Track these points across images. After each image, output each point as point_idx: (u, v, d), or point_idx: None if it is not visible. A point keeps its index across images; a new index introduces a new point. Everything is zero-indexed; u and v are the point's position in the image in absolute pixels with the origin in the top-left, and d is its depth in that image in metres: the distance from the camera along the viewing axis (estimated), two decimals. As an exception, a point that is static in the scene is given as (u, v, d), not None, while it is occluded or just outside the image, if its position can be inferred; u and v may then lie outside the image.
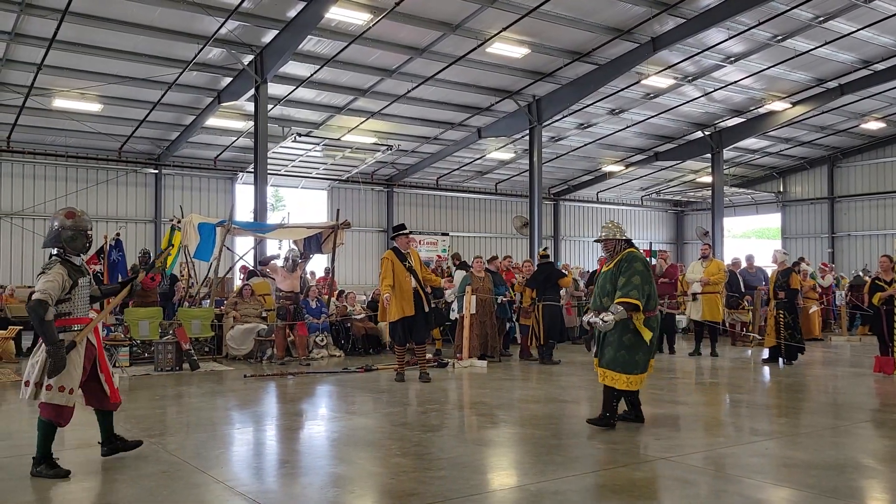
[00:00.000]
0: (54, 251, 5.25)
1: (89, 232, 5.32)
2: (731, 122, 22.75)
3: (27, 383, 5.04)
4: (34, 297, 4.91)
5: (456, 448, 5.96)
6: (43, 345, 5.02)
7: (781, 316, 11.43)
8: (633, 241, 7.05)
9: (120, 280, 13.01)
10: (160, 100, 17.46)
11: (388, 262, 9.66)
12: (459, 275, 12.84)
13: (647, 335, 6.47)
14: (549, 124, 20.49)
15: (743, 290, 15.03)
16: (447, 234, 27.14)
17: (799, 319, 12.01)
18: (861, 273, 19.41)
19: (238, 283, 14.45)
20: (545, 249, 13.35)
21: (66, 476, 5.03)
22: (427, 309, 9.72)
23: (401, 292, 9.49)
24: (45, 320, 4.90)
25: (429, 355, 12.60)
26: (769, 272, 13.90)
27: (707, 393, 9.13)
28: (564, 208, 30.18)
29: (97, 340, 5.35)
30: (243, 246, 18.22)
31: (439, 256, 24.75)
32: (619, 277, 6.53)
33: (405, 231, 9.88)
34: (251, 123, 17.35)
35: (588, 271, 17.37)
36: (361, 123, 20.11)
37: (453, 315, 13.20)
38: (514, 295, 12.79)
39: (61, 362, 4.94)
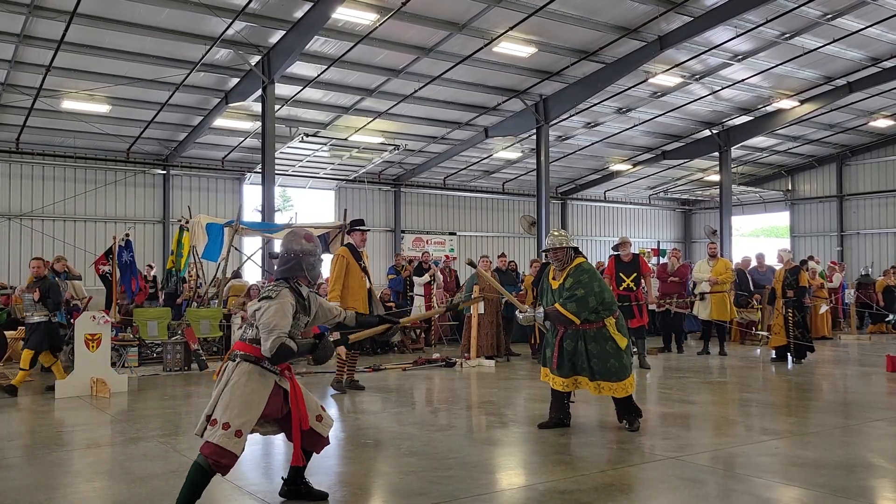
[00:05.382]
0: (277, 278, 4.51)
1: None
2: (739, 121, 22.64)
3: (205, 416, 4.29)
4: (267, 343, 4.12)
5: (464, 447, 5.96)
6: (223, 375, 4.33)
7: (791, 314, 11.38)
8: (640, 240, 7.03)
9: (131, 280, 13.16)
10: (168, 101, 17.49)
11: (342, 260, 8.59)
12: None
13: (623, 340, 6.45)
14: (556, 123, 20.43)
15: (752, 288, 14.99)
16: (454, 234, 27.13)
17: (807, 318, 11.97)
18: (864, 271, 19.34)
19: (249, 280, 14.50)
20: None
21: None
22: (378, 312, 8.59)
23: (352, 292, 8.55)
24: (293, 354, 4.22)
25: (436, 355, 12.65)
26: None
27: (716, 392, 9.10)
28: (572, 207, 30.10)
29: (290, 381, 4.45)
30: (251, 246, 18.27)
31: (447, 256, 24.77)
32: (565, 290, 6.44)
33: (362, 227, 9.00)
34: (258, 124, 17.35)
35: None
36: (368, 123, 20.11)
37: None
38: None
39: (329, 351, 4.42)
